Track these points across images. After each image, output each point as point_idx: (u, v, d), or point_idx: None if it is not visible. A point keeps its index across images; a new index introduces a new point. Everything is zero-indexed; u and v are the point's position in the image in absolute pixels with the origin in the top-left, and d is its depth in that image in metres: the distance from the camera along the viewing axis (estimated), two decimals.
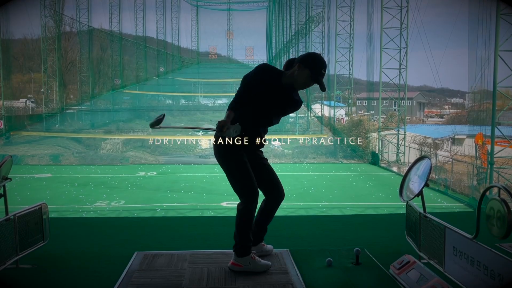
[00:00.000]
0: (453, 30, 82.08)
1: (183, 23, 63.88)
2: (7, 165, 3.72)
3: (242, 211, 3.68)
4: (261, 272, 3.71)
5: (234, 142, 3.62)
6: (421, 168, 4.15)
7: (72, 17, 34.89)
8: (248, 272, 3.68)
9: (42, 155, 22.87)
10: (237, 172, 3.69)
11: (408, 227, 4.51)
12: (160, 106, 41.42)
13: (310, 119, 31.92)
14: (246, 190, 3.68)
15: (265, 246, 4.15)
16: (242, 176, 3.68)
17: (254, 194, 3.68)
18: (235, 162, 3.67)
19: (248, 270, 3.69)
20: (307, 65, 3.60)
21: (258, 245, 4.06)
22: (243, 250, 3.71)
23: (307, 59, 3.65)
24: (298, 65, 3.62)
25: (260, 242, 4.09)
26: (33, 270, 3.91)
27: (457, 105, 68.72)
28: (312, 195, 14.10)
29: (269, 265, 3.79)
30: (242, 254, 3.71)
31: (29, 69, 45.27)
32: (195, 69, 52.20)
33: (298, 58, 3.72)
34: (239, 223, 3.69)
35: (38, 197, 13.08)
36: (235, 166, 3.68)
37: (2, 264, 3.57)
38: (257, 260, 3.75)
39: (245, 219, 3.69)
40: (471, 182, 15.24)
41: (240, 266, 3.70)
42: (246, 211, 3.68)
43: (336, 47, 27.70)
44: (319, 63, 3.64)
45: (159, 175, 18.48)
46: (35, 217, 3.99)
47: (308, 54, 3.77)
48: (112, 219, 9.96)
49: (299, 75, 3.62)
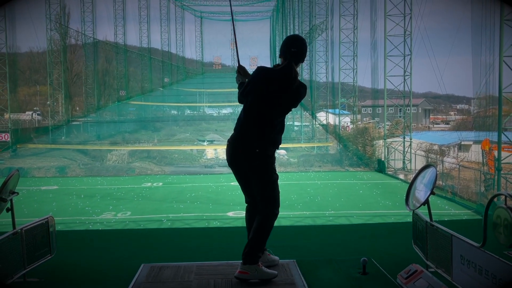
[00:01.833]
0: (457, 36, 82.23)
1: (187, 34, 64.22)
2: (14, 180, 3.75)
3: (269, 216, 3.79)
4: (267, 280, 3.69)
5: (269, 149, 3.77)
6: (426, 177, 4.15)
7: (78, 30, 35.25)
8: (254, 283, 3.66)
9: (48, 167, 22.95)
10: (271, 178, 3.83)
11: (415, 235, 4.48)
12: (166, 116, 41.60)
13: (315, 127, 31.90)
14: (277, 198, 3.87)
15: (270, 256, 4.15)
16: (276, 183, 3.87)
17: (279, 205, 3.92)
18: (272, 168, 3.82)
19: (255, 278, 3.67)
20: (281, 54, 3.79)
21: (263, 255, 4.05)
22: (253, 258, 3.70)
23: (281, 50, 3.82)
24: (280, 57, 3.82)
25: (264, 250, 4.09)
26: (40, 284, 3.92)
27: (462, 111, 68.47)
28: (319, 204, 14.03)
29: (275, 274, 3.78)
30: (252, 261, 3.69)
31: (35, 82, 45.68)
32: (200, 79, 52.44)
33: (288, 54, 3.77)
34: (261, 229, 3.75)
35: (44, 209, 13.11)
36: (272, 172, 3.82)
37: (9, 278, 3.58)
38: (263, 268, 3.74)
39: (269, 226, 3.79)
40: (479, 189, 15.14)
41: (247, 274, 3.68)
42: (273, 218, 3.82)
43: (340, 55, 27.74)
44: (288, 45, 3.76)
45: (165, 185, 18.48)
46: (42, 231, 4.01)
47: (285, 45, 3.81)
48: (118, 231, 9.95)
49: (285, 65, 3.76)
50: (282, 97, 3.71)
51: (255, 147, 3.70)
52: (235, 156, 3.81)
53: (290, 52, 3.73)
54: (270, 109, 3.72)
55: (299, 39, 3.88)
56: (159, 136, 33.02)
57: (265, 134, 3.72)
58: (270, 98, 3.69)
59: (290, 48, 3.74)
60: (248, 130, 3.74)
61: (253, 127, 3.72)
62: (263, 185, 3.80)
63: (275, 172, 3.88)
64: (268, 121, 3.73)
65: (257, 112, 3.74)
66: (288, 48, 3.75)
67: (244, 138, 3.74)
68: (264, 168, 3.77)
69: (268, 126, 3.72)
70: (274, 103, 3.70)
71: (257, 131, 3.72)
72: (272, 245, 5.70)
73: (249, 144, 3.72)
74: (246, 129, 3.75)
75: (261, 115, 3.73)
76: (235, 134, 3.80)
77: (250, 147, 3.71)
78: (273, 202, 3.82)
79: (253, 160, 3.73)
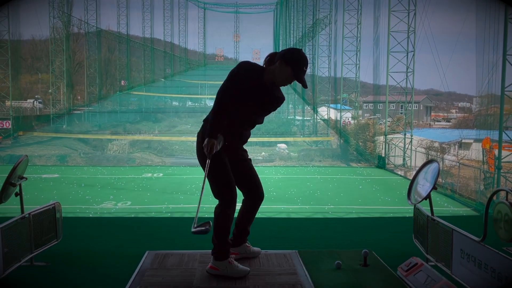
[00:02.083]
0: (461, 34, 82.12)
1: (190, 25, 64.16)
2: (23, 165, 3.80)
3: (220, 215, 3.61)
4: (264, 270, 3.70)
5: None
6: (429, 172, 4.20)
7: (80, 19, 35.20)
8: (258, 273, 3.72)
9: (49, 155, 23.03)
10: (215, 174, 3.56)
11: (416, 229, 4.54)
12: (167, 107, 41.61)
13: (317, 122, 31.94)
14: (224, 194, 3.61)
15: (250, 248, 4.07)
16: (221, 178, 3.59)
17: (232, 198, 3.60)
18: (214, 163, 3.50)
19: (225, 274, 3.61)
20: (288, 62, 3.49)
21: (241, 246, 4.00)
22: (220, 254, 3.65)
23: (288, 56, 3.52)
24: (280, 61, 3.50)
25: (243, 243, 4.02)
26: (47, 268, 3.98)
27: (464, 109, 68.48)
28: (318, 198, 14.11)
29: (247, 271, 3.68)
30: (220, 258, 3.64)
31: (37, 70, 45.63)
32: (202, 71, 52.38)
33: (280, 53, 3.58)
34: (216, 227, 3.61)
35: (45, 197, 13.18)
36: (214, 167, 3.52)
37: (17, 261, 3.64)
38: (234, 265, 3.66)
39: (222, 224, 3.61)
40: (478, 187, 15.21)
41: (217, 270, 3.64)
42: (224, 216, 3.60)
43: (343, 50, 27.71)
44: (301, 60, 3.52)
45: (165, 176, 18.57)
46: (49, 216, 4.07)
47: (289, 50, 3.63)
48: (121, 218, 10.04)
49: (280, 72, 3.51)
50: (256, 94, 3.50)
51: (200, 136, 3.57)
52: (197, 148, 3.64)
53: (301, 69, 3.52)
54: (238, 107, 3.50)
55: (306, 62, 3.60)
56: (160, 127, 33.07)
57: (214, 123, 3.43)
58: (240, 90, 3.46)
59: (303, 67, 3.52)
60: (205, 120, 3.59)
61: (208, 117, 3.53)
62: (211, 182, 3.62)
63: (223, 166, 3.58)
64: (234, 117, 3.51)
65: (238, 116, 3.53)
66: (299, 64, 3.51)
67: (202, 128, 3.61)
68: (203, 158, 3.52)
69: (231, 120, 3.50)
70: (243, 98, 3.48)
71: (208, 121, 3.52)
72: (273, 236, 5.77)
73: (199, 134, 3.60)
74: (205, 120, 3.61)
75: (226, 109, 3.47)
76: None
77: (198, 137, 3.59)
78: (225, 200, 3.61)
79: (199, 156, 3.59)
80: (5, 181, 3.68)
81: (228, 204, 3.60)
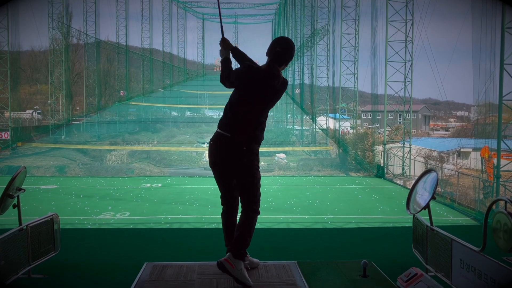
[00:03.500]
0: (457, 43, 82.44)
1: (189, 36, 64.54)
2: (21, 177, 3.79)
3: (255, 213, 3.85)
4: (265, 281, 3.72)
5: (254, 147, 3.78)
6: (428, 181, 4.20)
7: (80, 30, 35.33)
8: (257, 284, 3.70)
9: (48, 166, 22.98)
10: (257, 176, 3.84)
11: (415, 239, 4.53)
12: (166, 118, 41.65)
13: (315, 131, 31.97)
14: (259, 196, 3.88)
15: (249, 257, 4.14)
16: (259, 181, 3.89)
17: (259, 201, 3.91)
18: (257, 166, 3.83)
19: (235, 275, 3.67)
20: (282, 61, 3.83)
21: None
22: (242, 254, 3.76)
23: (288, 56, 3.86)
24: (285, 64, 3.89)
25: None
26: (45, 280, 3.95)
27: (462, 118, 68.64)
28: (317, 208, 14.06)
29: (251, 284, 3.74)
30: (240, 256, 3.75)
31: (36, 81, 45.74)
32: (201, 81, 52.51)
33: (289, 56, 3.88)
34: (250, 225, 3.81)
35: (43, 208, 13.13)
36: (257, 170, 3.82)
37: (14, 273, 3.62)
38: (245, 271, 3.76)
39: (255, 222, 3.85)
40: (477, 196, 15.18)
41: (232, 267, 3.68)
42: (256, 215, 3.87)
43: (341, 60, 27.80)
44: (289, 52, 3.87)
45: (164, 187, 18.51)
46: (47, 228, 4.05)
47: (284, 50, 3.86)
48: (119, 230, 9.99)
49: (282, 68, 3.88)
50: (266, 96, 3.79)
51: (241, 145, 3.75)
52: (220, 155, 3.84)
53: (274, 51, 3.83)
54: (255, 108, 3.79)
55: (285, 40, 3.94)
56: (159, 138, 33.08)
57: (250, 132, 3.77)
58: (254, 97, 3.77)
59: (275, 47, 3.84)
60: (233, 129, 3.78)
61: (239, 126, 3.77)
62: (250, 183, 3.83)
63: (259, 171, 3.89)
64: (253, 120, 3.80)
65: (242, 111, 3.79)
66: (273, 47, 3.85)
67: (229, 136, 3.77)
68: (251, 166, 3.80)
69: (252, 124, 3.78)
70: (259, 102, 3.78)
71: (243, 129, 3.76)
72: (272, 247, 5.75)
73: (236, 143, 3.75)
74: (231, 128, 3.79)
75: (246, 114, 3.78)
76: (220, 133, 3.83)
77: (236, 146, 3.75)
78: (257, 200, 3.87)
79: (240, 158, 3.76)
80: (3, 193, 3.67)
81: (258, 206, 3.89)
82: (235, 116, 3.80)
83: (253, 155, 3.79)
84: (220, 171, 3.93)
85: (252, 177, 3.81)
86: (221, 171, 3.92)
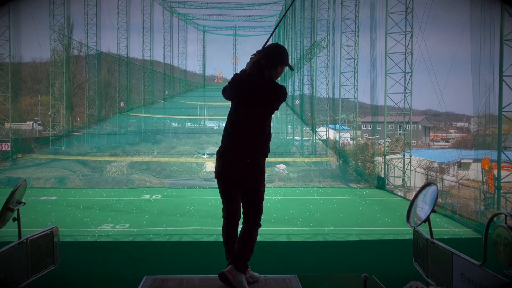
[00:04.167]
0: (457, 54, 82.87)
1: (189, 47, 64.91)
2: (21, 190, 3.78)
3: (257, 226, 3.82)
4: None
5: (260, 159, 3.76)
6: (428, 194, 4.18)
7: (81, 41, 35.53)
8: None
9: (47, 177, 22.97)
10: (262, 189, 3.81)
11: (416, 252, 4.50)
12: (166, 129, 41.71)
13: (316, 142, 31.98)
14: (262, 209, 3.84)
15: (250, 271, 4.06)
16: (264, 194, 3.83)
17: None
18: (262, 179, 3.79)
19: (237, 287, 3.63)
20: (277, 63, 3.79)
21: None
22: (244, 266, 3.74)
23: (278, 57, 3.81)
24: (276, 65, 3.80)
25: None
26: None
27: (462, 129, 68.69)
28: (318, 219, 14.04)
29: None
30: (242, 269, 3.72)
31: (37, 92, 45.90)
32: (201, 93, 52.69)
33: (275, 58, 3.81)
34: (252, 240, 3.77)
35: (43, 220, 13.12)
36: (262, 182, 3.79)
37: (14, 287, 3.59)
38: (246, 284, 3.73)
39: (256, 235, 3.82)
40: (478, 207, 15.15)
41: (234, 279, 3.64)
42: (258, 227, 3.83)
43: (340, 71, 27.93)
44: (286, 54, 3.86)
45: (164, 198, 18.49)
46: (47, 241, 4.03)
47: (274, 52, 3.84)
48: (119, 242, 9.95)
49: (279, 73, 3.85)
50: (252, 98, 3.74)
51: (246, 157, 3.71)
52: (226, 168, 3.80)
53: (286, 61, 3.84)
54: (253, 117, 3.75)
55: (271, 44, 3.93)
56: (159, 149, 33.08)
57: (252, 142, 3.73)
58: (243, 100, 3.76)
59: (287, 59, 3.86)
60: (237, 141, 3.75)
61: (241, 138, 3.74)
62: (254, 195, 3.79)
63: (263, 184, 3.84)
64: (252, 128, 3.75)
65: (238, 119, 3.77)
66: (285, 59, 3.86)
67: (234, 149, 3.75)
68: (256, 178, 3.76)
69: (252, 134, 3.74)
70: (255, 111, 3.74)
71: (243, 140, 3.73)
72: (273, 260, 5.73)
73: (239, 155, 3.72)
74: (235, 140, 3.76)
75: (242, 121, 3.75)
76: (224, 146, 3.82)
77: (240, 158, 3.72)
78: (259, 214, 3.82)
79: (245, 171, 3.72)
80: (3, 206, 3.65)
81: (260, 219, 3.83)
82: (233, 125, 3.79)
83: (258, 168, 3.74)
84: (224, 183, 3.90)
85: (254, 191, 3.76)
86: (224, 183, 3.89)
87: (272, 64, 3.81)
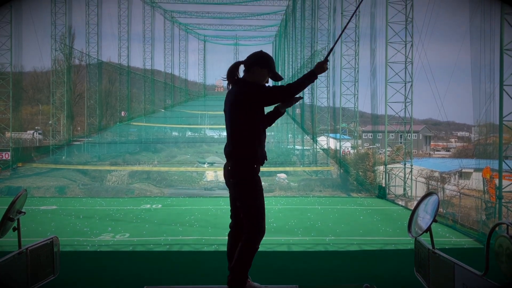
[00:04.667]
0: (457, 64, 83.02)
1: (190, 57, 65.12)
2: (21, 199, 3.77)
3: (252, 242, 3.54)
4: None
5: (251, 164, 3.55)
6: (429, 204, 4.17)
7: (82, 51, 35.71)
8: None
9: (48, 187, 22.94)
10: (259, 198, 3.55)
11: (417, 263, 4.48)
12: (166, 138, 41.73)
13: (316, 151, 31.97)
14: (262, 221, 3.54)
15: (250, 283, 3.91)
16: (262, 203, 3.56)
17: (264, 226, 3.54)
18: (259, 187, 3.54)
19: None
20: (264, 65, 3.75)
21: None
22: (241, 284, 3.61)
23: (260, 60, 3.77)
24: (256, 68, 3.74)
25: None
26: None
27: (463, 139, 68.69)
28: (319, 229, 13.98)
29: None
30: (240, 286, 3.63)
31: (37, 101, 46.00)
32: (202, 102, 52.81)
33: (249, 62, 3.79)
34: (242, 258, 3.55)
35: (43, 229, 13.08)
36: (259, 191, 3.54)
37: None
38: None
39: (252, 251, 3.56)
40: (480, 217, 15.10)
41: None
42: (256, 243, 3.55)
43: (341, 81, 28.01)
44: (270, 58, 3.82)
45: (164, 207, 18.45)
46: (46, 251, 4.01)
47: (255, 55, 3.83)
48: (119, 252, 9.90)
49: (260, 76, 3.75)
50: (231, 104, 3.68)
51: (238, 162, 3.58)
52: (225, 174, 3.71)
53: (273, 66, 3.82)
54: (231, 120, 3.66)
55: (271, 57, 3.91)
56: (159, 158, 33.08)
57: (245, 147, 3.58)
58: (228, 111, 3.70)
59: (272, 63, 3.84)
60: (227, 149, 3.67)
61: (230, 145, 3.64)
62: (241, 204, 3.59)
63: (256, 196, 3.56)
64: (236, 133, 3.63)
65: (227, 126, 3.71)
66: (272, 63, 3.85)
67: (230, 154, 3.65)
68: (243, 190, 3.55)
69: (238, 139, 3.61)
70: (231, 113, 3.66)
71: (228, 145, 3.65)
72: (274, 270, 5.70)
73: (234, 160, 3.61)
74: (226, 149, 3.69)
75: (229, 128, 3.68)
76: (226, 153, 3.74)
77: (234, 163, 3.60)
78: (251, 229, 3.54)
79: (235, 176, 3.58)
80: (4, 216, 3.64)
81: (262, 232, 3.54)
82: (228, 135, 3.75)
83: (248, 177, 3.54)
84: (229, 192, 3.84)
85: (242, 202, 3.54)
86: (229, 192, 3.84)
87: (249, 67, 3.78)
